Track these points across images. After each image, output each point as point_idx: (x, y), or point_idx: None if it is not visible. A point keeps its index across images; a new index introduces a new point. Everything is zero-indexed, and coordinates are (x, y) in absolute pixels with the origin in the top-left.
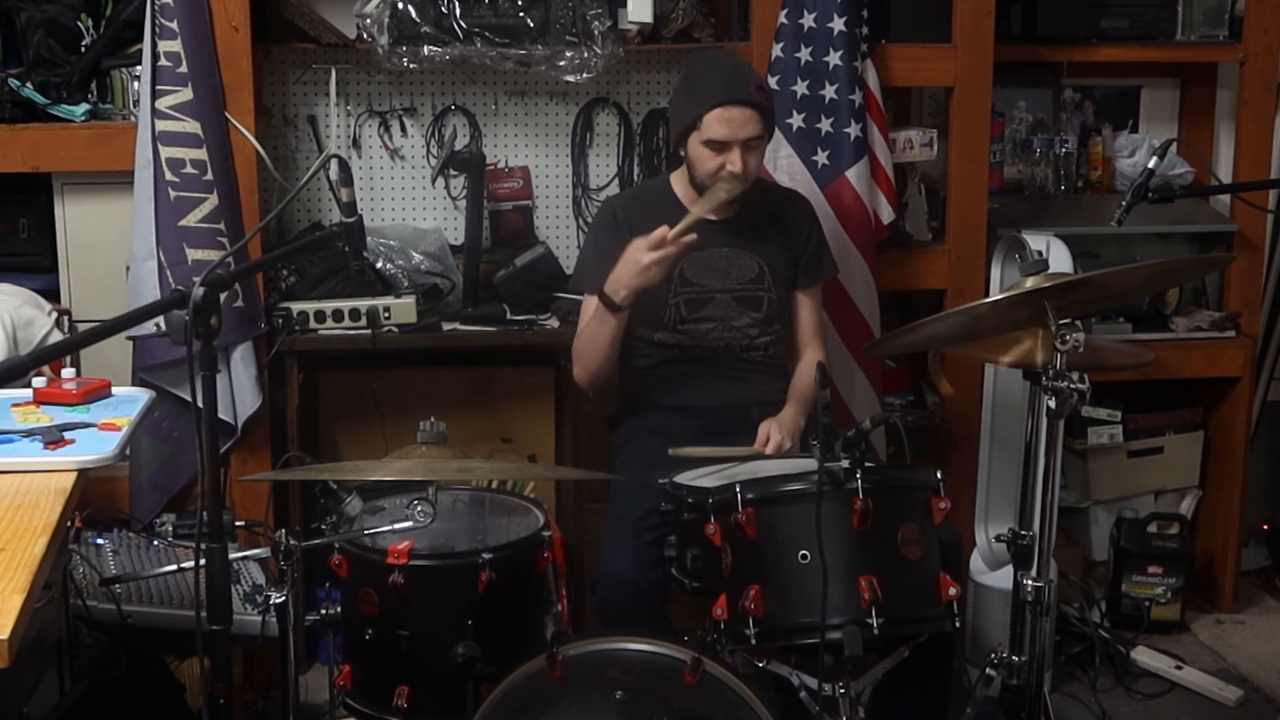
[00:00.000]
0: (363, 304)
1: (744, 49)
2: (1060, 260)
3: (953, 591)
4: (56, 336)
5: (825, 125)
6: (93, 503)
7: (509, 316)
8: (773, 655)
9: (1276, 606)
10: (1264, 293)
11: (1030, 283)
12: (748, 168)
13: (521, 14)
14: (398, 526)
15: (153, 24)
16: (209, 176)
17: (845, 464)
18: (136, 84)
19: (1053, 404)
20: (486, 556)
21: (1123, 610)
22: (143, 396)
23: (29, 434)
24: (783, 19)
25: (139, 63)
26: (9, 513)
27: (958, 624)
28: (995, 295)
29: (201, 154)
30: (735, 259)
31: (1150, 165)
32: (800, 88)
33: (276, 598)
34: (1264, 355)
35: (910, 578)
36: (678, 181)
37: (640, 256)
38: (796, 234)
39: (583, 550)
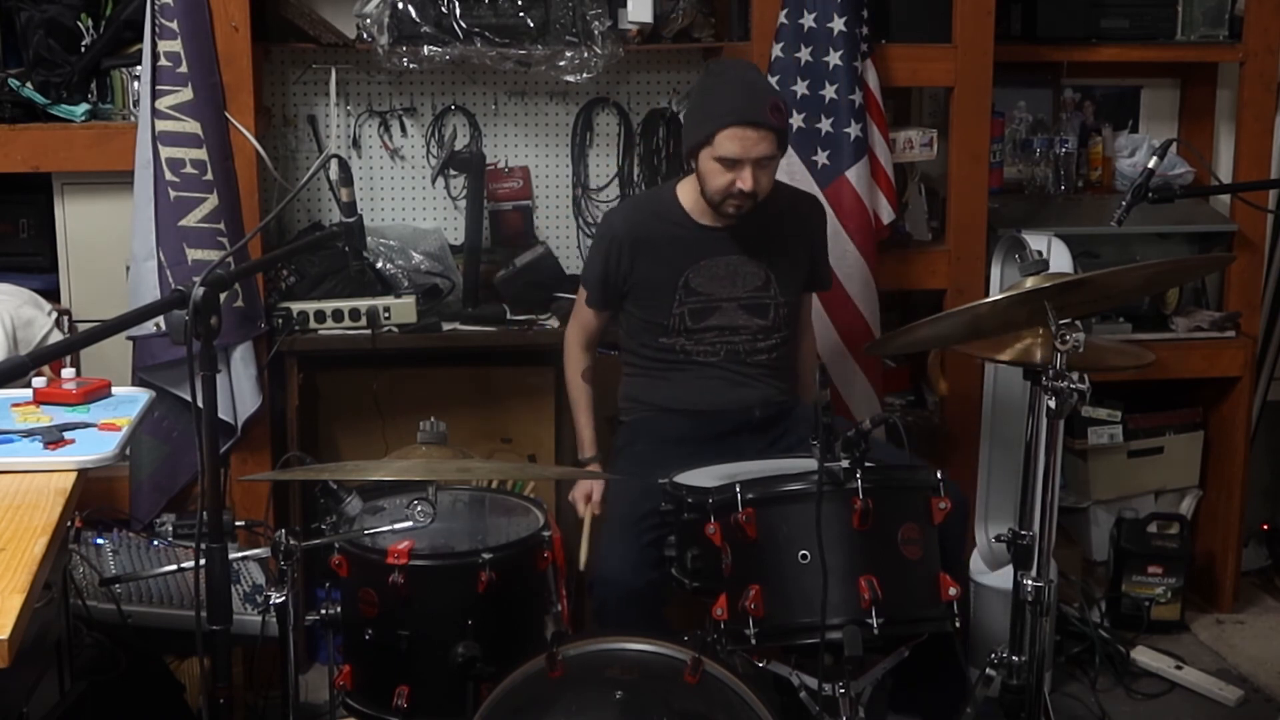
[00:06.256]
0: (363, 304)
1: (744, 49)
2: (1060, 260)
3: (953, 591)
4: (56, 336)
5: (825, 125)
6: (93, 503)
7: (509, 316)
8: (773, 655)
9: (1276, 606)
10: (1264, 293)
11: (1030, 283)
12: (759, 185)
13: (521, 14)
14: (398, 526)
15: (153, 24)
16: (209, 176)
17: (845, 464)
18: (136, 84)
19: (1053, 404)
20: (486, 556)
21: (1123, 610)
22: (143, 396)
23: (29, 434)
24: (783, 19)
25: (139, 63)
26: (9, 513)
27: (958, 624)
28: (995, 295)
29: (201, 154)
30: (742, 267)
31: (1150, 165)
32: (800, 88)
33: (276, 598)
34: (1264, 355)
35: (910, 578)
36: (685, 192)
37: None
38: (809, 238)
39: None
